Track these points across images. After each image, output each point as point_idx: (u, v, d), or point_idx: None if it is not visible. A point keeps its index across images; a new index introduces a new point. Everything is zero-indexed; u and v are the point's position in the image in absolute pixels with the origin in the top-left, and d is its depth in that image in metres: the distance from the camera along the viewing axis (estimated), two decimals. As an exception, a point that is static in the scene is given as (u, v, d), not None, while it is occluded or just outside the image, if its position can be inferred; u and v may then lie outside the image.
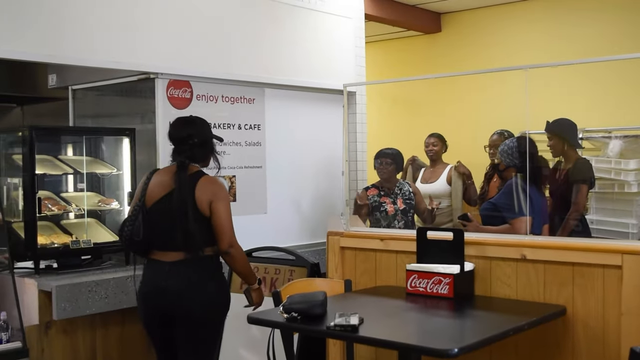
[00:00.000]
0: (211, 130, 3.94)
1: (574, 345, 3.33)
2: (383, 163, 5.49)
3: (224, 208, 3.66)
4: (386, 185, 5.51)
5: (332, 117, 5.89)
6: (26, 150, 4.48)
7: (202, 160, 3.84)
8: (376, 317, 3.17)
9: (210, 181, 3.70)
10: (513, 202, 4.63)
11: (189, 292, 3.63)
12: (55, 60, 4.46)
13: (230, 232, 3.68)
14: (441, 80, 8.06)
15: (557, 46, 7.38)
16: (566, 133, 5.12)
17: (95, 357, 4.50)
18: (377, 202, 5.42)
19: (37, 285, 4.25)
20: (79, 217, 4.92)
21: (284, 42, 5.62)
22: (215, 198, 3.65)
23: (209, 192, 3.65)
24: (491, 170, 5.67)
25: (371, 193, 5.49)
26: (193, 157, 3.75)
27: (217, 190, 3.69)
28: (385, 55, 8.74)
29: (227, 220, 3.67)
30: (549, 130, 5.14)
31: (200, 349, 3.74)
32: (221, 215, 3.64)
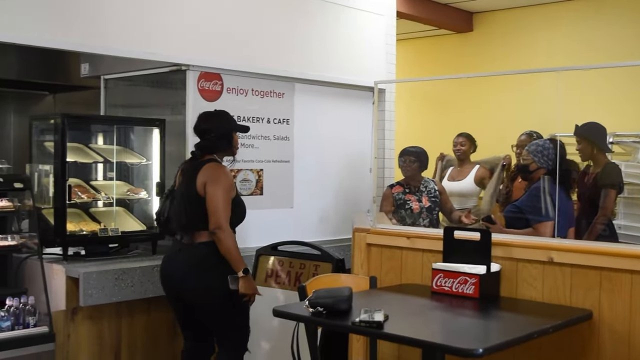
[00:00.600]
0: (233, 124, 4.20)
1: (599, 350, 3.31)
2: (407, 161, 5.48)
3: (215, 190, 3.88)
4: (411, 183, 5.49)
5: (360, 114, 5.89)
6: (58, 138, 4.53)
7: (212, 152, 4.08)
8: (401, 314, 3.17)
9: (211, 167, 3.96)
10: (539, 205, 4.61)
11: (183, 277, 3.94)
12: (88, 50, 4.50)
13: (218, 214, 3.86)
14: (471, 79, 8.03)
15: (589, 49, 7.32)
16: (595, 137, 5.07)
17: (120, 345, 4.55)
18: (402, 200, 5.41)
19: (65, 272, 4.31)
20: (107, 205, 4.97)
21: (315, 37, 5.63)
22: (209, 180, 3.90)
23: (206, 176, 3.92)
24: (516, 171, 5.62)
25: (396, 190, 5.48)
26: (203, 148, 4.06)
27: (214, 174, 3.93)
28: (415, 54, 8.72)
29: (217, 202, 3.87)
30: (578, 134, 5.09)
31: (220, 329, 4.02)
32: (212, 197, 3.87)
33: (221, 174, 3.96)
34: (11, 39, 4.06)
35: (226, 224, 3.88)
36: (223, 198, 3.89)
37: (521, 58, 7.83)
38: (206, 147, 4.06)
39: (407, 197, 5.41)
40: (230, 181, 3.98)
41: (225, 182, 3.94)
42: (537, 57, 7.70)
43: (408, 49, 8.43)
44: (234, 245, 3.90)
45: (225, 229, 3.87)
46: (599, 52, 7.21)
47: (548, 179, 4.66)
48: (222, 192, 3.90)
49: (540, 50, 7.73)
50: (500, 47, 8.07)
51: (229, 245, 3.88)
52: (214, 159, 4.05)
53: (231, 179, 4.02)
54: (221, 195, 3.89)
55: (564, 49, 7.53)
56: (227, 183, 3.94)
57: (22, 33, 4.08)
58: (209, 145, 4.06)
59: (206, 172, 3.94)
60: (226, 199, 3.91)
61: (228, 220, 3.90)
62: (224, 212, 3.88)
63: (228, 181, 3.96)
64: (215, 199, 3.88)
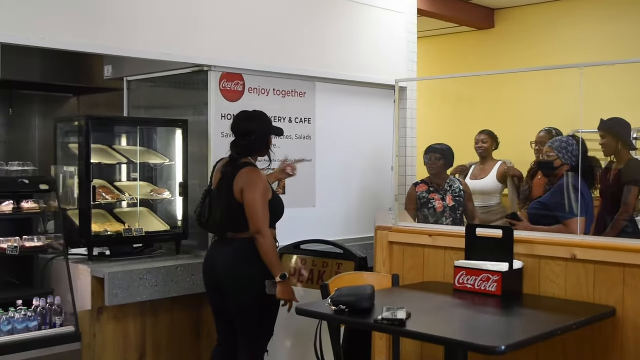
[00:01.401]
0: (270, 126, 4.22)
1: (622, 347, 3.29)
2: (432, 158, 5.47)
3: (252, 196, 3.92)
4: (435, 181, 5.49)
5: (381, 112, 5.89)
6: (82, 140, 4.58)
7: (251, 154, 4.11)
8: (423, 312, 3.18)
9: (247, 172, 3.99)
10: (566, 201, 4.60)
11: (224, 268, 4.01)
12: (111, 52, 4.54)
13: (256, 219, 3.91)
14: (493, 77, 7.99)
15: (611, 45, 7.27)
16: (620, 132, 5.03)
17: (144, 344, 4.59)
18: (426, 199, 5.40)
19: (91, 272, 4.35)
20: (131, 206, 5.02)
21: (336, 36, 5.64)
22: (246, 187, 3.94)
23: (243, 182, 3.95)
24: (536, 167, 5.58)
25: (420, 189, 5.47)
26: (242, 151, 4.08)
27: (250, 180, 3.96)
28: (437, 51, 8.70)
29: (255, 209, 3.92)
30: (603, 128, 5.03)
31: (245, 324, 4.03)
32: (249, 204, 3.92)
33: (257, 178, 3.98)
34: (35, 42, 4.11)
35: (266, 228, 3.92)
36: (261, 203, 3.93)
37: (543, 55, 7.78)
38: (246, 150, 4.08)
39: (431, 196, 5.40)
40: (265, 184, 4.02)
41: (262, 187, 3.97)
42: (558, 54, 7.65)
43: (429, 46, 8.41)
44: (272, 250, 3.94)
45: (265, 234, 3.91)
46: (621, 48, 7.15)
47: (572, 175, 4.64)
48: (259, 197, 3.93)
49: (562, 46, 7.68)
50: (522, 44, 8.02)
51: (268, 250, 3.92)
52: (250, 162, 4.07)
53: (266, 182, 4.04)
54: (259, 200, 3.93)
55: (586, 45, 7.48)
56: (263, 187, 3.97)
57: (46, 37, 4.12)
58: (247, 147, 4.08)
59: (243, 178, 3.96)
60: (264, 203, 3.95)
61: (267, 224, 3.94)
62: (262, 217, 3.92)
63: (264, 185, 3.99)
64: (253, 205, 3.92)
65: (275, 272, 3.93)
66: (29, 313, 4.04)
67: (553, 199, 4.64)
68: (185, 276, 4.55)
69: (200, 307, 4.80)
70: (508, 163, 6.14)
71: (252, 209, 3.93)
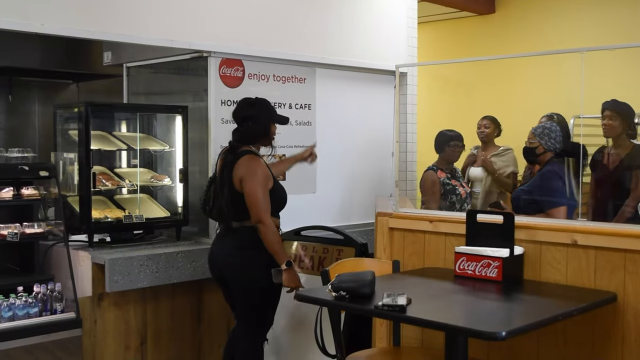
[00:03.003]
0: (272, 114, 4.22)
1: (624, 333, 3.30)
2: (457, 146, 5.47)
3: (252, 185, 3.93)
4: (450, 167, 5.47)
5: (382, 98, 5.88)
6: (82, 126, 4.57)
7: (251, 141, 4.12)
8: (424, 298, 3.17)
9: (246, 160, 3.99)
10: (551, 189, 4.61)
11: (225, 258, 4.09)
12: (110, 38, 4.52)
13: (257, 209, 3.93)
14: (494, 62, 7.96)
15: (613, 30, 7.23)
16: (625, 116, 4.97)
17: (145, 330, 4.60)
18: (450, 185, 5.36)
19: (91, 258, 4.36)
20: (131, 192, 5.01)
21: (336, 21, 5.62)
22: (246, 176, 3.95)
23: (242, 171, 3.96)
24: None
25: (441, 175, 5.43)
26: (241, 138, 4.10)
27: (249, 169, 3.96)
28: (437, 36, 8.67)
29: (255, 199, 3.93)
30: (610, 108, 4.92)
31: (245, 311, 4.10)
32: (249, 193, 3.94)
33: (256, 167, 3.98)
34: (35, 28, 4.10)
35: (267, 217, 3.93)
36: (261, 192, 3.95)
37: (544, 40, 7.75)
38: (244, 137, 4.10)
39: (453, 182, 5.39)
40: (265, 173, 4.01)
41: (262, 176, 3.97)
42: (560, 39, 7.62)
43: (429, 32, 8.38)
44: (275, 239, 3.96)
45: (267, 223, 3.93)
46: (623, 33, 7.11)
47: (560, 161, 4.67)
48: (259, 186, 3.95)
49: (563, 31, 7.65)
50: (523, 29, 7.99)
51: (270, 239, 3.94)
52: (250, 151, 4.07)
53: (266, 171, 4.04)
54: (259, 189, 3.94)
55: (588, 30, 7.45)
56: (263, 176, 3.98)
57: (46, 23, 4.11)
58: (246, 135, 4.09)
59: (242, 166, 3.97)
60: (264, 192, 3.96)
61: (269, 213, 3.96)
62: (263, 206, 3.94)
63: (264, 173, 3.99)
64: (253, 195, 3.94)
65: (280, 260, 3.95)
66: (29, 299, 4.05)
67: (536, 186, 4.64)
68: (185, 262, 4.55)
69: (201, 293, 4.81)
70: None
71: (252, 198, 3.93)
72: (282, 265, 3.95)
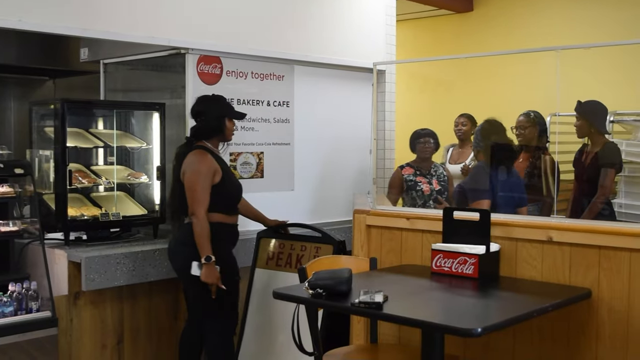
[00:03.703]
0: (226, 109, 4.30)
1: (598, 329, 3.32)
2: (427, 142, 5.51)
3: (191, 178, 4.05)
4: (423, 165, 5.52)
5: (360, 96, 5.88)
6: (58, 123, 4.54)
7: (204, 136, 4.22)
8: (401, 295, 3.18)
9: (192, 154, 4.11)
10: (476, 184, 4.87)
11: (171, 254, 4.25)
12: (87, 34, 4.48)
13: (191, 201, 4.03)
14: (472, 60, 7.98)
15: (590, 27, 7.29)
16: (595, 116, 5.05)
17: (122, 328, 4.58)
18: (413, 182, 5.43)
19: (67, 257, 4.33)
20: (108, 190, 4.98)
21: (314, 19, 5.61)
22: (187, 169, 4.07)
23: (186, 164, 4.08)
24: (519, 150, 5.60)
25: (407, 172, 5.49)
26: (195, 134, 4.23)
27: (191, 162, 4.08)
28: (415, 34, 8.68)
29: (191, 190, 4.04)
30: (578, 111, 5.09)
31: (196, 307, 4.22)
32: (187, 186, 4.05)
33: (199, 161, 4.08)
34: (12, 24, 4.06)
35: (200, 210, 4.01)
36: (200, 185, 4.03)
37: (521, 38, 7.79)
38: (198, 132, 4.22)
39: (417, 179, 5.43)
40: (208, 167, 4.08)
41: (204, 169, 4.05)
42: (537, 37, 7.66)
43: (408, 30, 8.39)
44: (203, 232, 4.01)
45: (199, 215, 4.01)
46: (599, 31, 7.17)
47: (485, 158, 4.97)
48: (198, 179, 4.04)
49: (540, 29, 7.69)
50: (501, 27, 8.03)
51: (198, 232, 4.01)
52: (202, 146, 4.17)
53: (210, 165, 4.10)
54: (197, 183, 4.03)
55: (565, 29, 7.49)
56: (205, 170, 4.06)
57: (23, 18, 4.07)
58: (200, 130, 4.21)
59: (187, 160, 4.10)
60: (203, 185, 4.04)
61: (204, 207, 4.02)
62: (198, 199, 4.02)
63: (207, 167, 4.07)
64: (190, 187, 4.05)
65: (201, 253, 4.01)
66: (4, 298, 4.01)
67: (468, 182, 4.91)
68: (162, 260, 4.52)
69: (178, 292, 4.78)
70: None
71: (188, 190, 4.05)
72: (202, 259, 3.99)
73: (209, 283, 4.02)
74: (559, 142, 5.65)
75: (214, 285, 4.03)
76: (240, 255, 4.88)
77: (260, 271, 4.85)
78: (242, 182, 5.01)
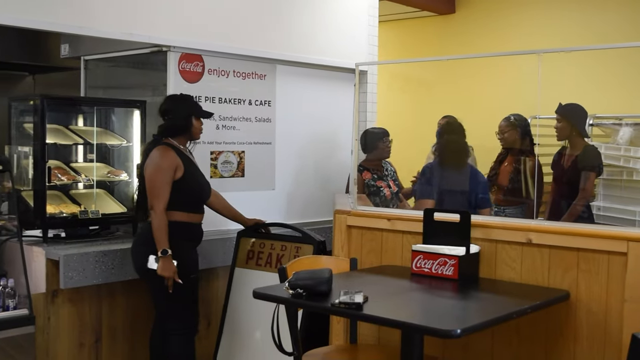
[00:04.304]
0: (193, 108, 4.31)
1: (576, 330, 3.35)
2: (388, 141, 5.45)
3: (151, 173, 4.08)
4: (376, 165, 5.37)
5: (342, 96, 5.88)
6: (37, 119, 4.50)
7: (171, 134, 4.23)
8: (380, 296, 3.19)
9: (155, 150, 4.13)
10: (423, 183, 5.04)
11: (132, 253, 4.26)
12: (68, 30, 4.45)
13: (151, 196, 4.06)
14: (453, 62, 8.03)
15: (571, 31, 7.35)
16: (575, 119, 5.07)
17: (100, 327, 4.55)
18: (375, 187, 5.33)
19: (45, 254, 4.29)
20: (88, 187, 4.95)
21: (297, 19, 5.61)
22: (148, 164, 4.10)
23: (148, 160, 4.10)
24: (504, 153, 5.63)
25: (366, 177, 5.38)
26: (162, 131, 4.24)
27: (154, 158, 4.10)
28: (398, 35, 8.71)
29: (152, 186, 4.06)
30: (558, 113, 5.09)
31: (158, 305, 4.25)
32: (147, 180, 4.10)
33: (160, 156, 4.10)
34: (-10, 19, 4.03)
35: (158, 205, 4.03)
36: (159, 180, 4.05)
37: (504, 40, 7.84)
38: (165, 130, 4.23)
39: (378, 184, 5.35)
40: (170, 163, 4.09)
41: (164, 164, 4.07)
42: (520, 39, 7.71)
43: (390, 31, 8.41)
44: (160, 225, 4.02)
45: (157, 209, 4.03)
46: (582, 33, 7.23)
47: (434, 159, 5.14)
48: (157, 174, 4.06)
49: (523, 32, 7.73)
50: (483, 29, 8.07)
51: (155, 226, 4.03)
52: (168, 143, 4.18)
53: (172, 161, 4.10)
54: (156, 177, 4.06)
55: (548, 31, 7.54)
56: (166, 165, 4.07)
57: (2, 13, 4.03)
58: (166, 128, 4.23)
59: (150, 155, 4.12)
60: (163, 181, 4.05)
61: (163, 202, 4.04)
62: (157, 194, 4.04)
63: (169, 163, 4.08)
64: (149, 182, 4.08)
65: (158, 247, 4.02)
66: (-19, 295, 3.97)
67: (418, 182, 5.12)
68: (142, 259, 4.50)
69: (158, 290, 4.76)
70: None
71: (147, 185, 4.09)
72: (158, 253, 4.00)
73: (165, 277, 4.01)
74: (540, 145, 5.67)
75: (170, 278, 4.02)
76: (220, 254, 4.88)
77: (240, 270, 4.84)
78: (223, 181, 5.02)
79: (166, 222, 4.03)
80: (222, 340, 4.80)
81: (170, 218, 4.07)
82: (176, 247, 4.04)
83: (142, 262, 4.11)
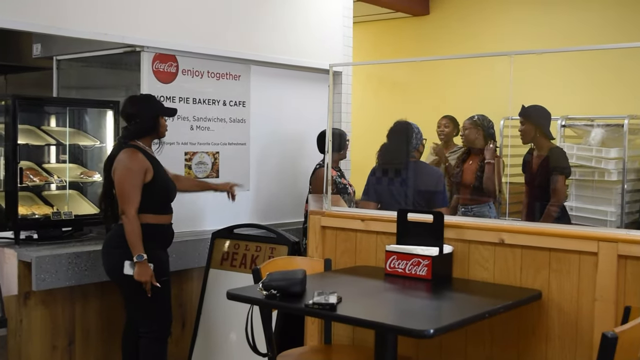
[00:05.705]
0: (158, 107, 4.26)
1: (548, 329, 3.38)
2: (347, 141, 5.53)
3: (120, 177, 4.01)
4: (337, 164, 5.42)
5: (317, 96, 5.89)
6: (9, 120, 4.46)
7: (139, 137, 4.15)
8: (354, 296, 3.19)
9: (122, 154, 4.07)
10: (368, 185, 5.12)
11: (103, 256, 4.18)
12: (40, 30, 4.42)
13: (122, 200, 4.00)
14: (427, 63, 8.07)
15: (544, 33, 7.41)
16: (538, 120, 5.08)
17: (73, 329, 4.51)
18: (342, 184, 5.35)
19: (17, 256, 4.25)
20: (60, 188, 4.91)
21: (271, 19, 5.61)
22: (117, 168, 4.03)
23: (116, 163, 4.04)
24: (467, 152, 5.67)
25: (332, 174, 5.38)
26: (128, 135, 4.15)
27: (122, 161, 4.03)
28: (372, 37, 8.73)
29: (122, 189, 4.00)
30: (521, 115, 5.10)
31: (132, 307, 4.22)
32: (117, 184, 4.03)
33: (129, 160, 4.04)
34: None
35: (130, 209, 3.97)
36: (129, 184, 3.99)
37: (478, 42, 7.89)
38: (131, 133, 4.15)
39: (343, 181, 5.37)
40: (140, 166, 4.04)
41: (135, 167, 4.01)
42: (493, 41, 7.77)
43: (365, 32, 8.44)
44: (134, 230, 3.98)
45: (129, 214, 3.97)
46: (554, 36, 7.30)
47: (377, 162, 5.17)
48: (127, 178, 4.00)
49: (496, 34, 7.79)
50: (457, 31, 8.12)
51: (128, 230, 3.98)
52: (134, 145, 4.12)
53: (142, 164, 4.05)
54: (126, 181, 4.00)
55: (521, 33, 7.60)
56: (136, 168, 4.02)
57: (-30, 13, 4.00)
58: (133, 131, 4.15)
59: (118, 158, 4.06)
60: (133, 184, 4.00)
61: (134, 206, 3.99)
62: (128, 197, 3.98)
63: (138, 166, 4.03)
64: (119, 186, 4.02)
65: (133, 252, 3.98)
66: (-49, 298, 3.93)
67: None
68: (115, 260, 4.47)
69: (131, 292, 4.74)
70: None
71: (117, 189, 4.03)
72: (134, 258, 3.97)
73: (143, 282, 3.99)
74: (512, 146, 5.71)
75: (148, 283, 4.00)
76: (195, 255, 4.86)
77: (214, 271, 4.84)
78: (197, 181, 5.00)
79: (139, 226, 3.99)
80: (196, 342, 4.79)
81: (140, 221, 4.01)
82: (147, 251, 4.00)
83: (114, 265, 4.06)
